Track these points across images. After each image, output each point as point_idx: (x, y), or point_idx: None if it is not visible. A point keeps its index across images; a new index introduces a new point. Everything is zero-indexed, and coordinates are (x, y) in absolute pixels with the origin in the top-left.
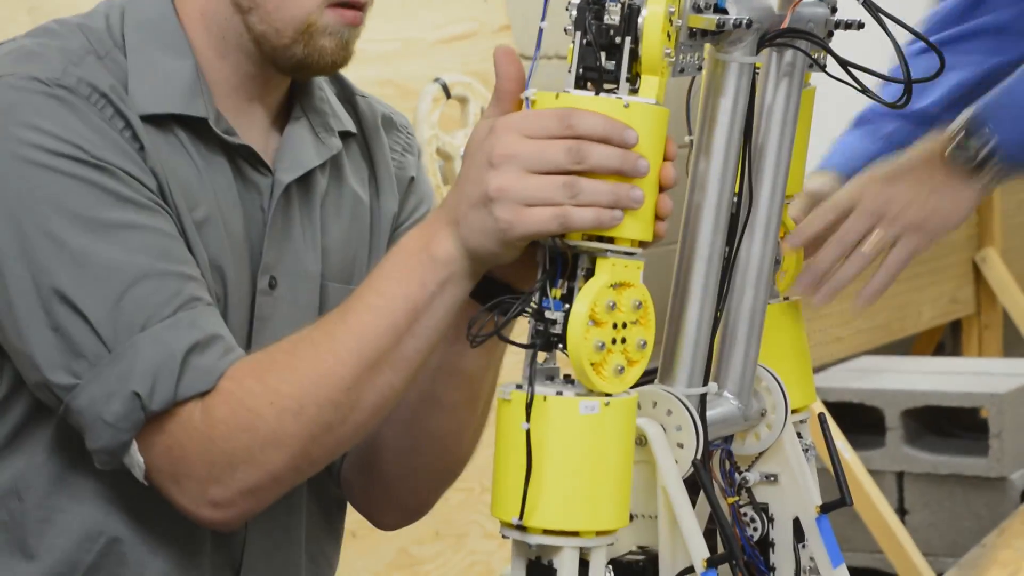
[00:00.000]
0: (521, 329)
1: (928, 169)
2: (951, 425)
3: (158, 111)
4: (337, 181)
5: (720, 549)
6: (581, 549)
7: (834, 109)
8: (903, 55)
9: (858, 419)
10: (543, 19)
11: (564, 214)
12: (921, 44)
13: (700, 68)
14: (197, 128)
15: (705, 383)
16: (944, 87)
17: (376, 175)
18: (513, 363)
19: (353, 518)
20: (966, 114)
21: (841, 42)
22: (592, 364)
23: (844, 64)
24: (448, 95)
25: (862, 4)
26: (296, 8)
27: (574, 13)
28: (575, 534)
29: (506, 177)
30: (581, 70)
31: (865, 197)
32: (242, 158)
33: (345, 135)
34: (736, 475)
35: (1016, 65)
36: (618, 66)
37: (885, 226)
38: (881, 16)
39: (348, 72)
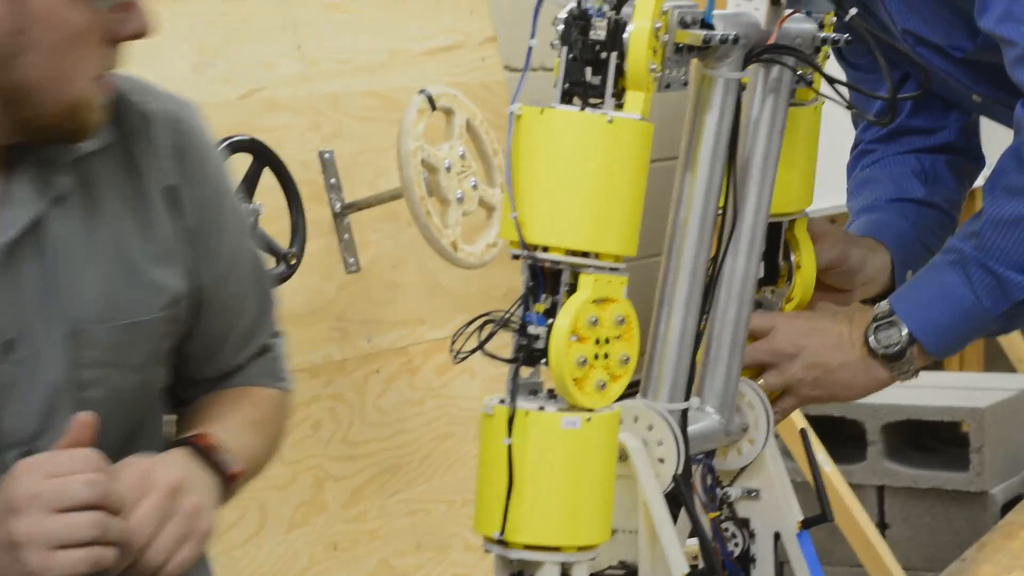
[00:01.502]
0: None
1: (850, 341)
2: (932, 439)
3: None
4: (86, 211)
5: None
6: (563, 564)
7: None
8: (889, 71)
9: (839, 432)
10: (532, 36)
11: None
12: None
13: (686, 83)
14: None
15: (687, 398)
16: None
17: (143, 188)
18: (497, 376)
19: (335, 529)
20: (882, 305)
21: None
22: (574, 379)
23: (830, 80)
24: (433, 107)
25: (848, 21)
26: (70, 92)
27: (561, 28)
28: (556, 549)
29: (30, 519)
30: (567, 85)
31: (779, 335)
32: None
33: (97, 151)
34: (717, 490)
35: None
36: (604, 81)
37: (784, 373)
38: (868, 34)
39: (336, 81)
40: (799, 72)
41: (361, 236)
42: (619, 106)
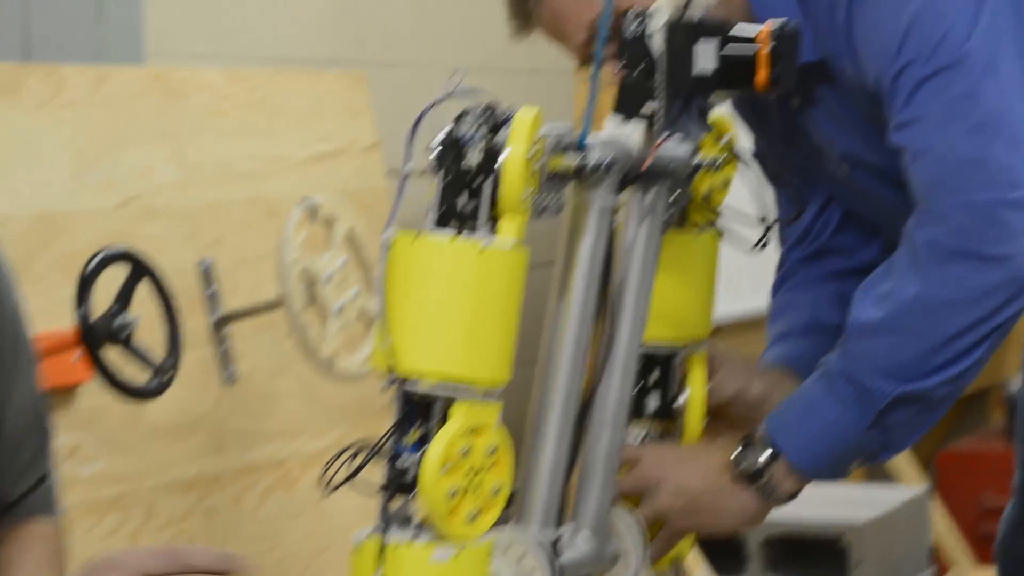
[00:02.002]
0: None
1: (717, 467)
2: (812, 554)
3: None
4: None
5: None
6: None
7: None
8: (762, 197)
9: (719, 548)
10: (406, 163)
11: None
12: None
13: (561, 209)
14: None
15: (560, 525)
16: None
17: None
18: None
19: None
20: (758, 427)
21: None
22: (445, 511)
23: (703, 204)
24: (315, 216)
25: (731, 152)
26: None
27: (435, 153)
28: None
29: None
30: (442, 210)
31: (645, 463)
32: None
33: None
34: None
35: None
36: (478, 207)
37: (653, 502)
38: (743, 159)
39: (216, 189)
40: (674, 196)
41: (239, 346)
42: (493, 232)
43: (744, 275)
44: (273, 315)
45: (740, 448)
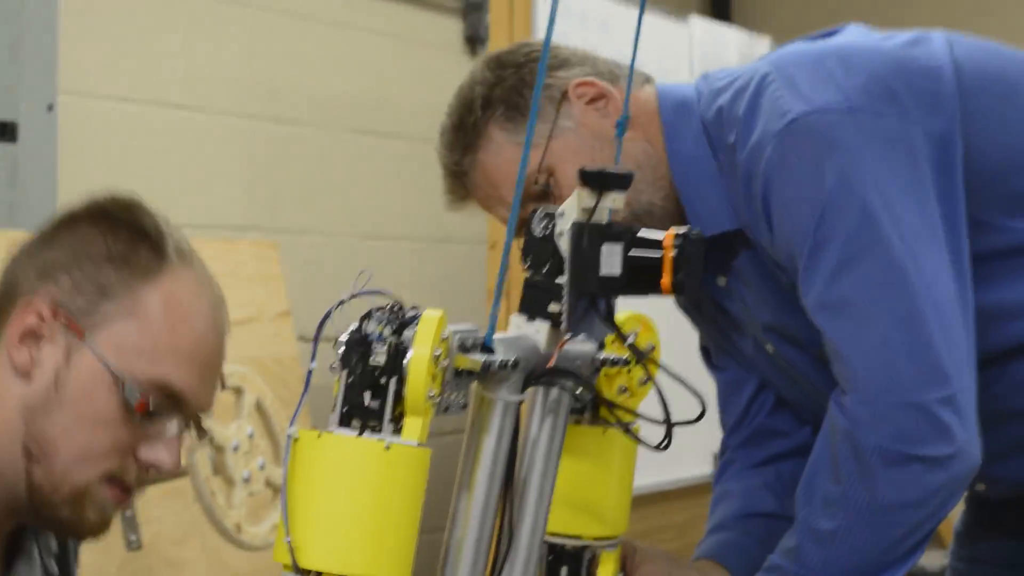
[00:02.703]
0: None
1: None
2: None
3: None
4: None
5: None
6: None
7: None
8: (664, 398)
9: None
10: (312, 360)
11: None
12: None
13: (465, 406)
14: None
15: None
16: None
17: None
18: None
19: None
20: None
21: None
22: None
23: (608, 404)
24: (223, 385)
25: (628, 346)
26: (80, 473)
27: (341, 351)
28: None
29: None
30: (346, 408)
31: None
32: None
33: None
34: None
35: None
36: (383, 406)
37: None
38: (636, 353)
39: None
40: (578, 393)
41: (145, 512)
42: (397, 430)
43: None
44: (179, 482)
45: None
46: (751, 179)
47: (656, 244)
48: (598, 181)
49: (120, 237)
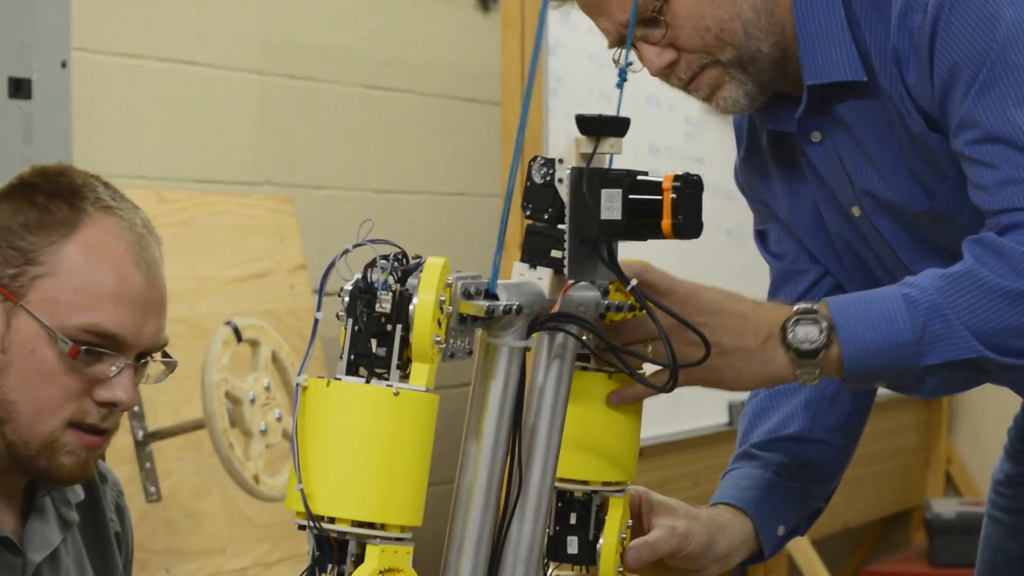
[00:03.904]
0: None
1: (756, 322)
2: None
3: None
4: (87, 542)
5: None
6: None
7: None
8: (668, 338)
9: None
10: (318, 309)
11: None
12: None
13: (471, 352)
14: None
15: None
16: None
17: (105, 533)
18: None
19: None
20: (810, 305)
21: None
22: None
23: (613, 348)
24: (239, 338)
25: (630, 291)
26: (43, 425)
27: (346, 300)
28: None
29: None
30: (353, 356)
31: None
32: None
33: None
34: None
35: None
36: (389, 353)
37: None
38: (645, 303)
39: None
40: (584, 339)
41: (163, 465)
42: (404, 377)
43: None
44: (198, 435)
45: (795, 318)
46: (910, 13)
47: (655, 187)
48: (595, 127)
49: (37, 204)
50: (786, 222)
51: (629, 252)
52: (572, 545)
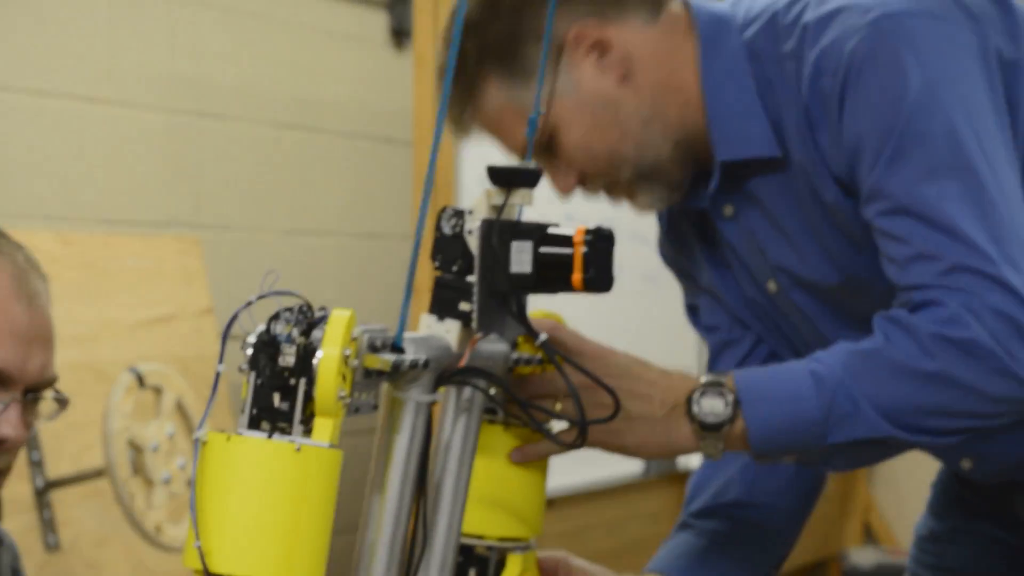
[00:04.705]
0: None
1: (663, 390)
2: None
3: None
4: None
5: None
6: None
7: None
8: (578, 395)
9: None
10: (220, 361)
11: None
12: None
13: (376, 406)
14: None
15: None
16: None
17: None
18: None
19: None
20: (716, 377)
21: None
22: None
23: (521, 403)
24: (142, 384)
25: (540, 346)
26: None
27: (249, 352)
28: None
29: None
30: (255, 410)
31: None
32: None
33: None
34: None
35: None
36: (292, 407)
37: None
38: (557, 360)
39: None
40: (491, 393)
41: (63, 513)
42: (308, 432)
43: None
44: (99, 483)
45: (701, 390)
46: (819, 77)
47: (566, 240)
48: (506, 178)
49: None
50: (714, 293)
51: (544, 299)
52: None
